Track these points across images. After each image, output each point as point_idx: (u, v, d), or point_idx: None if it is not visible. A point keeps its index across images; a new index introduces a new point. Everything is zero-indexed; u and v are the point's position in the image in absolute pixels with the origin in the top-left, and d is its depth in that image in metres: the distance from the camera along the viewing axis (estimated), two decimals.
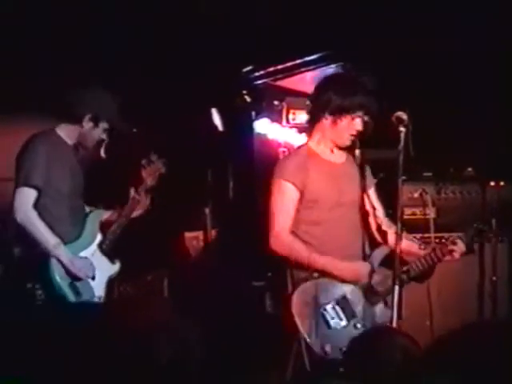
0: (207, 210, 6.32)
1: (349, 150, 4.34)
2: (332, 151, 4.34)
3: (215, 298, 6.28)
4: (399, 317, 3.75)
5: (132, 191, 4.88)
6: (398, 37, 5.70)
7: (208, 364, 4.76)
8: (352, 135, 4.21)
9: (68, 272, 4.62)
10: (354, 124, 4.21)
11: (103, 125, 4.76)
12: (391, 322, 3.73)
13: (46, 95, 5.84)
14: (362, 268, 4.19)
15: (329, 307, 4.11)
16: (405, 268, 4.06)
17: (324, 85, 4.34)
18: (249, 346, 5.56)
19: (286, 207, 4.26)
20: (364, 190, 4.28)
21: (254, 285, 6.43)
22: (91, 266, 4.75)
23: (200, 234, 6.57)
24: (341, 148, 4.31)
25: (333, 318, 4.11)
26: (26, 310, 4.45)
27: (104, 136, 4.78)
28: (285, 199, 4.27)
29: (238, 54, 6.59)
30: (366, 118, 4.20)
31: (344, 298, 4.15)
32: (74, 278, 4.64)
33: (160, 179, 4.99)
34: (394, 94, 4.61)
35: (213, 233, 6.54)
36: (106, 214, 4.97)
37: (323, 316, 4.10)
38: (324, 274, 4.14)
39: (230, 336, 5.68)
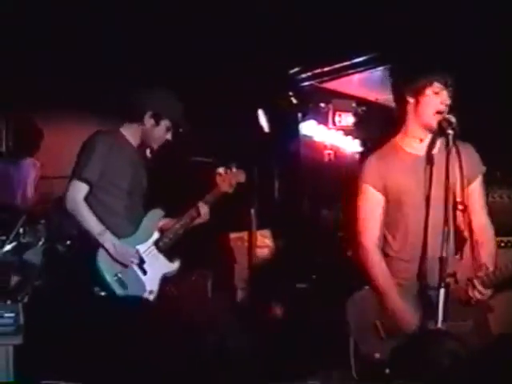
0: (252, 211, 6.19)
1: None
2: (421, 141, 4.05)
3: (258, 300, 6.29)
4: (445, 319, 3.57)
5: (200, 203, 4.92)
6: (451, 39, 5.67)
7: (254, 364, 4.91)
8: (439, 112, 3.94)
9: (114, 262, 4.64)
10: (439, 97, 3.96)
11: (165, 123, 4.79)
12: (439, 325, 3.57)
13: (107, 94, 5.94)
14: (410, 319, 3.95)
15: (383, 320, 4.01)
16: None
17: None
18: (293, 348, 5.57)
19: (370, 212, 4.10)
20: (462, 183, 3.85)
21: (298, 287, 6.48)
22: (137, 255, 4.75)
23: (245, 234, 6.51)
24: (434, 133, 4.01)
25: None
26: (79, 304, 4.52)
27: (168, 136, 4.82)
28: (368, 205, 4.11)
29: (285, 56, 6.58)
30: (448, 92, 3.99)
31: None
32: (120, 266, 4.66)
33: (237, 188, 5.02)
34: None
35: (258, 234, 6.43)
36: (164, 221, 4.98)
37: (376, 327, 4.02)
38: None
39: (273, 337, 5.71)
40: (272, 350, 5.36)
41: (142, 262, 4.79)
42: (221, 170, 5.00)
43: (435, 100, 3.95)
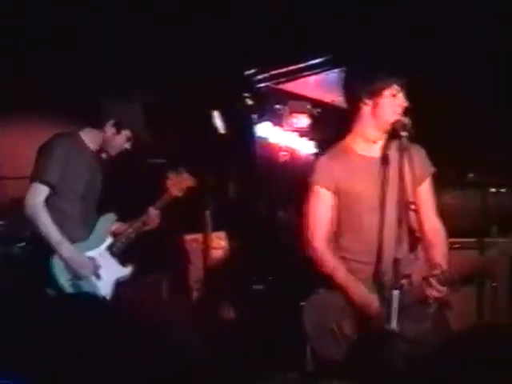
0: (207, 213, 6.28)
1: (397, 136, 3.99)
2: (375, 142, 4.06)
3: (215, 302, 6.36)
4: (400, 320, 3.60)
5: (150, 208, 4.93)
6: (402, 39, 5.68)
7: (211, 365, 4.91)
8: (396, 114, 3.95)
9: (70, 269, 4.64)
10: (397, 99, 3.97)
11: (126, 132, 4.81)
12: (392, 326, 3.59)
13: (72, 99, 5.88)
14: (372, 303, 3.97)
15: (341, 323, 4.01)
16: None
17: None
18: (248, 349, 5.57)
19: (322, 214, 4.09)
20: (413, 184, 3.81)
21: (254, 288, 6.48)
22: (94, 264, 4.76)
23: (200, 236, 6.53)
24: (388, 135, 4.04)
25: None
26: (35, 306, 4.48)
27: (127, 145, 4.83)
28: (319, 205, 4.09)
29: (241, 57, 6.55)
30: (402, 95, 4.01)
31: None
32: (75, 275, 4.66)
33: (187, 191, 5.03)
34: None
35: (213, 235, 6.52)
36: (116, 225, 4.99)
37: (332, 331, 4.01)
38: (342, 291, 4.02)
39: (229, 338, 5.73)
40: (228, 351, 5.34)
41: (96, 268, 4.78)
42: (171, 174, 5.00)
43: (392, 102, 3.96)
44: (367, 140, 4.06)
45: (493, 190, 5.73)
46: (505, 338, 2.85)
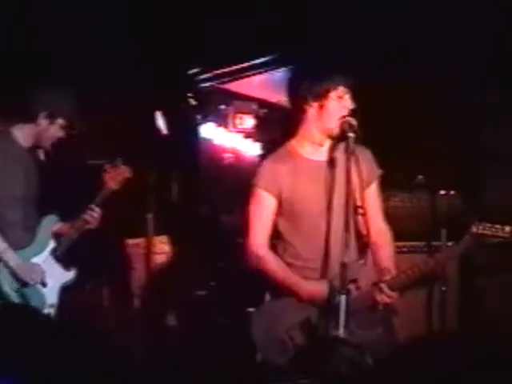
0: (150, 216, 6.16)
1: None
2: (321, 145, 4.03)
3: (157, 307, 6.27)
4: (346, 327, 3.59)
5: (91, 205, 4.82)
6: (350, 39, 5.69)
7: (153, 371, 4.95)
8: (342, 117, 3.92)
9: (15, 277, 4.59)
10: (343, 102, 3.95)
11: (59, 121, 4.70)
12: (339, 332, 3.58)
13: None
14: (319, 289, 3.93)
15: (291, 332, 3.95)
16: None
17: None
18: (193, 355, 5.52)
19: (263, 218, 4.02)
20: (360, 187, 3.81)
21: (198, 294, 6.45)
22: (40, 271, 4.69)
23: (142, 240, 6.40)
24: (334, 138, 4.01)
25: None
26: None
27: (61, 133, 4.72)
28: (260, 209, 4.03)
29: (184, 56, 6.51)
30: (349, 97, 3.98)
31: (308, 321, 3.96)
32: (22, 284, 4.61)
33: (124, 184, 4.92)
34: None
35: (155, 240, 6.39)
36: (57, 225, 4.90)
37: (283, 340, 3.94)
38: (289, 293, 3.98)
39: (173, 345, 5.72)
40: (170, 358, 5.33)
41: (42, 274, 4.71)
42: (107, 167, 4.88)
43: (339, 104, 3.93)
44: (313, 143, 4.03)
45: (442, 192, 5.71)
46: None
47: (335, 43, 5.70)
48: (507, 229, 3.79)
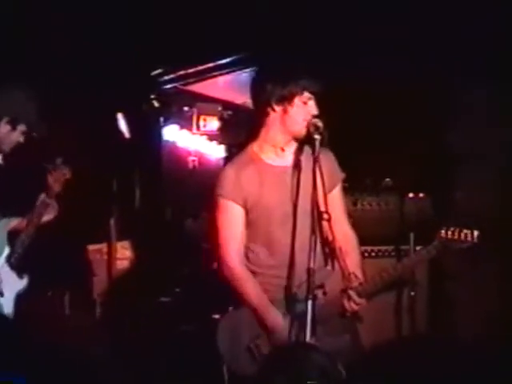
0: (112, 221, 6.18)
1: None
2: (283, 150, 3.95)
3: (120, 315, 6.20)
4: (313, 333, 3.54)
5: (42, 196, 4.72)
6: (315, 43, 5.66)
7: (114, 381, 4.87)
8: (306, 121, 3.83)
9: None
10: (307, 107, 3.86)
11: (21, 127, 4.64)
12: (306, 338, 3.53)
13: None
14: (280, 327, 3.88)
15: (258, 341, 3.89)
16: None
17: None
18: (156, 364, 5.50)
19: (232, 229, 3.94)
20: (324, 191, 3.75)
21: (162, 300, 6.40)
22: None
23: (104, 246, 6.41)
24: (298, 141, 3.94)
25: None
26: None
27: (21, 139, 4.66)
28: (228, 220, 3.94)
29: (147, 56, 6.43)
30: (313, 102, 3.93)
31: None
32: None
33: (66, 185, 4.82)
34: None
35: (118, 245, 6.42)
36: (12, 223, 4.79)
37: (250, 350, 3.89)
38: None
39: (136, 353, 5.62)
40: (133, 367, 5.23)
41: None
42: (51, 168, 4.77)
43: (303, 109, 3.87)
44: (275, 147, 3.96)
45: (411, 195, 5.68)
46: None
47: (302, 45, 5.67)
48: (476, 234, 3.75)
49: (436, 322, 5.50)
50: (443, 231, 3.77)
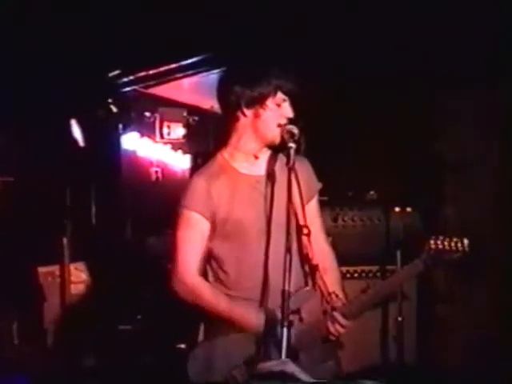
0: (65, 240, 5.96)
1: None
2: (256, 157, 3.73)
3: (74, 345, 5.99)
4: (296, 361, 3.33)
5: None
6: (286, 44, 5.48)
7: None
8: (280, 126, 3.61)
9: None
10: (281, 110, 3.64)
11: None
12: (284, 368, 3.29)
13: None
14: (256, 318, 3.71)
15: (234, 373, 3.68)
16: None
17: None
18: None
19: (194, 244, 3.69)
20: (302, 203, 3.63)
21: (120, 328, 6.27)
22: None
23: (56, 268, 6.17)
24: (272, 148, 3.78)
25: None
26: None
27: None
28: (191, 234, 3.69)
29: (103, 56, 6.25)
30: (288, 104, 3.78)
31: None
32: None
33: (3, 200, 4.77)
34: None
35: (71, 267, 6.20)
36: None
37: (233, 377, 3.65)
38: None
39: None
40: None
41: None
42: None
43: (277, 113, 3.70)
44: (247, 154, 3.75)
45: (397, 209, 5.51)
46: None
47: (274, 42, 5.51)
48: (466, 242, 3.57)
49: (425, 349, 5.40)
50: (431, 242, 3.58)
